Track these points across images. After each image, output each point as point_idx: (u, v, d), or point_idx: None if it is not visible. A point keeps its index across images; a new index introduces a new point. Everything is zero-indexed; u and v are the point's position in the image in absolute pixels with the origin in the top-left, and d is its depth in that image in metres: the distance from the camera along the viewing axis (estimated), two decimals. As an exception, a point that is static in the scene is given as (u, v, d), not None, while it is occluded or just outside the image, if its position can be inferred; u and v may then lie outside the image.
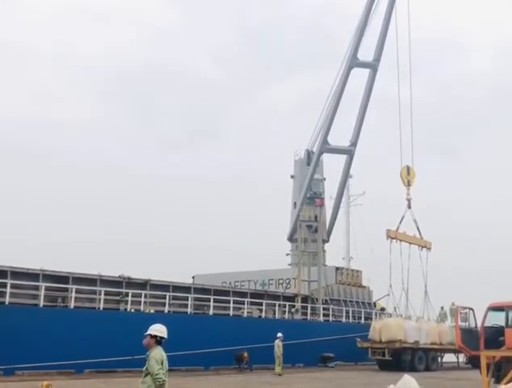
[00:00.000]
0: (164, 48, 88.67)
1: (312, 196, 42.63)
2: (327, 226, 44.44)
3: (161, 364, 7.73)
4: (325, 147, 43.88)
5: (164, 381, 7.72)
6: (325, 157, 45.66)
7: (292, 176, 46.64)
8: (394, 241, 35.76)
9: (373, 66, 43.28)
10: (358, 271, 43.67)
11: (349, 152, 44.49)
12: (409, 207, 38.11)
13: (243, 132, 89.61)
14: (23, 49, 79.55)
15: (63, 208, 65.52)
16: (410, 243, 36.87)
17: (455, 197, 78.25)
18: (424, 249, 37.76)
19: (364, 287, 43.01)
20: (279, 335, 26.65)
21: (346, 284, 41.27)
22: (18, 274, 24.05)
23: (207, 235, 66.96)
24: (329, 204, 45.64)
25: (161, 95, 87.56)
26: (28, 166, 67.83)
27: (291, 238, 44.74)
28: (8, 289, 22.54)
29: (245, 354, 28.17)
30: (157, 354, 7.76)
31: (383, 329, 33.42)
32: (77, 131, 75.60)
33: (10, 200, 59.34)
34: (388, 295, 40.67)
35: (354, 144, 44.21)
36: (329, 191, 46.37)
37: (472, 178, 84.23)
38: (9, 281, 22.88)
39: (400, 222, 37.28)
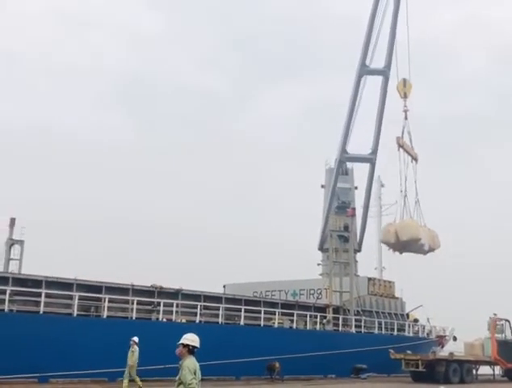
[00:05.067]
0: (155, 58, 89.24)
1: (341, 206, 42.28)
2: (358, 236, 44.08)
3: (194, 373, 7.71)
4: (344, 156, 43.58)
5: (197, 390, 7.71)
6: (357, 166, 45.43)
7: (323, 186, 46.39)
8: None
9: (384, 73, 42.79)
10: (390, 282, 43.12)
11: (370, 160, 43.90)
12: (406, 118, 39.61)
13: (248, 140, 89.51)
14: (12, 57, 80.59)
15: (95, 218, 66.42)
16: (408, 153, 39.03)
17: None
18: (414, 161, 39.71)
19: (397, 298, 42.47)
20: (134, 338, 20.10)
21: (379, 295, 40.80)
22: (52, 284, 24.46)
23: (237, 245, 67.21)
24: (360, 214, 45.28)
25: (154, 106, 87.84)
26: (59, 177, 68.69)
27: (321, 248, 44.50)
28: (43, 299, 22.91)
29: (277, 364, 28.03)
30: (190, 363, 7.75)
31: (400, 229, 33.92)
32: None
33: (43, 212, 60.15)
34: (422, 306, 40.33)
35: (374, 152, 43.63)
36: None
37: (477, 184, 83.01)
38: (43, 291, 23.27)
39: (403, 132, 39.34)
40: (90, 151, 75.51)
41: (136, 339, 19.86)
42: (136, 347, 19.63)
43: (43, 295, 23.02)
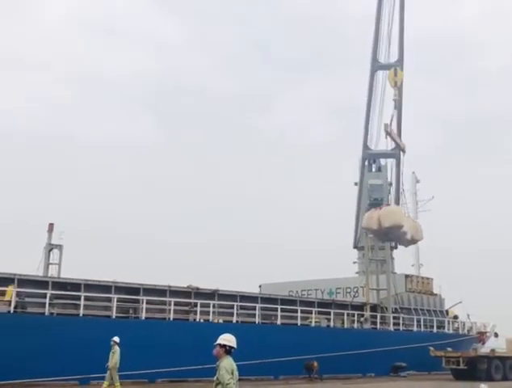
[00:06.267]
0: (176, 63, 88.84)
1: (373, 203, 41.77)
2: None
3: (232, 373, 7.71)
4: (367, 152, 43.13)
5: (235, 390, 7.71)
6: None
7: (356, 183, 45.95)
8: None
9: (397, 67, 42.36)
10: (428, 278, 42.55)
11: (394, 155, 43.30)
12: (395, 107, 39.85)
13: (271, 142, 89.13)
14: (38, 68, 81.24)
15: (130, 221, 67.35)
16: (396, 142, 39.59)
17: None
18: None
19: (435, 295, 41.88)
20: (115, 338, 18.49)
21: (417, 292, 40.30)
22: (91, 287, 24.85)
23: (272, 244, 67.31)
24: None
25: (180, 111, 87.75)
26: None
27: (356, 246, 44.15)
28: (82, 302, 23.29)
29: (315, 363, 27.92)
30: (228, 364, 7.75)
31: (383, 215, 33.64)
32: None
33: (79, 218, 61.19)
34: (461, 302, 39.75)
35: (397, 147, 43.09)
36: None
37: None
38: (82, 294, 23.66)
39: (391, 120, 39.49)
40: (118, 157, 76.66)
41: (116, 339, 18.33)
42: (116, 348, 18.21)
43: (82, 298, 23.40)
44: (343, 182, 66.52)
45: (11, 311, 21.60)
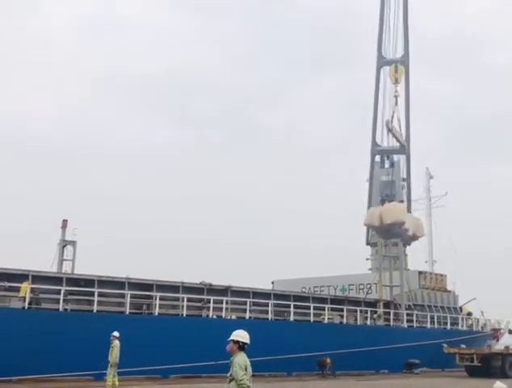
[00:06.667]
0: (178, 61, 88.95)
1: (384, 199, 41.55)
2: (408, 229, 43.27)
3: (245, 369, 7.71)
4: (376, 149, 42.93)
5: (248, 386, 7.70)
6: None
7: (367, 179, 45.77)
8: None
9: (403, 62, 42.28)
10: (442, 275, 42.36)
11: (403, 151, 43.04)
12: (396, 104, 40.09)
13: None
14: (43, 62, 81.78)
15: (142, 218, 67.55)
16: (397, 139, 39.81)
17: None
18: None
19: (449, 291, 41.71)
20: (115, 333, 18.30)
21: (430, 288, 40.12)
22: (104, 283, 24.98)
23: (284, 240, 67.30)
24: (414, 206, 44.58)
25: (190, 103, 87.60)
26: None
27: (369, 243, 44.00)
28: (96, 298, 23.39)
29: (328, 360, 27.91)
30: (241, 360, 7.75)
31: (385, 212, 33.45)
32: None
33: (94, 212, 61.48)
34: (475, 299, 39.56)
35: (406, 143, 42.88)
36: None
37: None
38: (96, 290, 23.77)
39: (392, 116, 39.76)
40: (120, 157, 76.97)
41: (116, 333, 18.08)
42: (116, 343, 17.94)
43: (96, 294, 23.49)
44: (355, 180, 66.31)
45: (26, 307, 21.76)
